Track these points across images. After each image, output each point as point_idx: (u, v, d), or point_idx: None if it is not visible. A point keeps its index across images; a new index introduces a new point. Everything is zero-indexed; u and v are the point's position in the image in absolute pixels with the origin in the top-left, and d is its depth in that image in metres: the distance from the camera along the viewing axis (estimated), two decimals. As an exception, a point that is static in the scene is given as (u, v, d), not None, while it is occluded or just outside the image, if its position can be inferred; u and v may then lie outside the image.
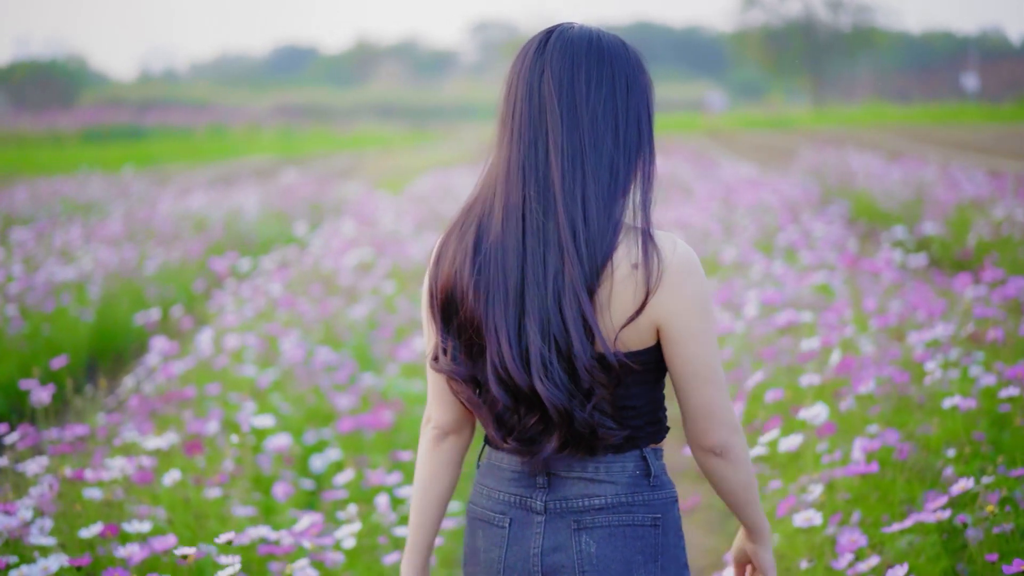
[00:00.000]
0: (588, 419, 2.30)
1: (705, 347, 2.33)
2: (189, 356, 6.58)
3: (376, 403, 6.21)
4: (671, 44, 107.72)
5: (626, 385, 2.34)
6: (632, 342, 2.31)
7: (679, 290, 2.29)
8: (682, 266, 2.31)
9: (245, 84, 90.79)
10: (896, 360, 5.43)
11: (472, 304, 2.32)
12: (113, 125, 49.43)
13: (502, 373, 2.30)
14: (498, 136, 2.38)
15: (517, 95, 2.35)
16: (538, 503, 2.39)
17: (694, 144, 33.83)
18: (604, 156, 2.32)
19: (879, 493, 4.30)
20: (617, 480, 2.37)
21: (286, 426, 6.03)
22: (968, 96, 64.36)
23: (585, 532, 2.37)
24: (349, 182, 22.75)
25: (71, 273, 9.78)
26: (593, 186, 2.30)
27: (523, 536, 2.40)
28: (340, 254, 10.01)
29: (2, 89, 72.91)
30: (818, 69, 75.95)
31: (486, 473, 2.47)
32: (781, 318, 5.85)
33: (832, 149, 24.03)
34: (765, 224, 11.65)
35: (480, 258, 2.32)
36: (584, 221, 2.28)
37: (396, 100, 74.80)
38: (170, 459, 4.85)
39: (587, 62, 2.34)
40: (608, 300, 2.29)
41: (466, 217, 2.38)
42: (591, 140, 2.31)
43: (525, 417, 2.33)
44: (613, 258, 2.28)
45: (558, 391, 2.28)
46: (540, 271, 2.28)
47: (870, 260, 8.46)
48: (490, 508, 2.44)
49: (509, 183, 2.33)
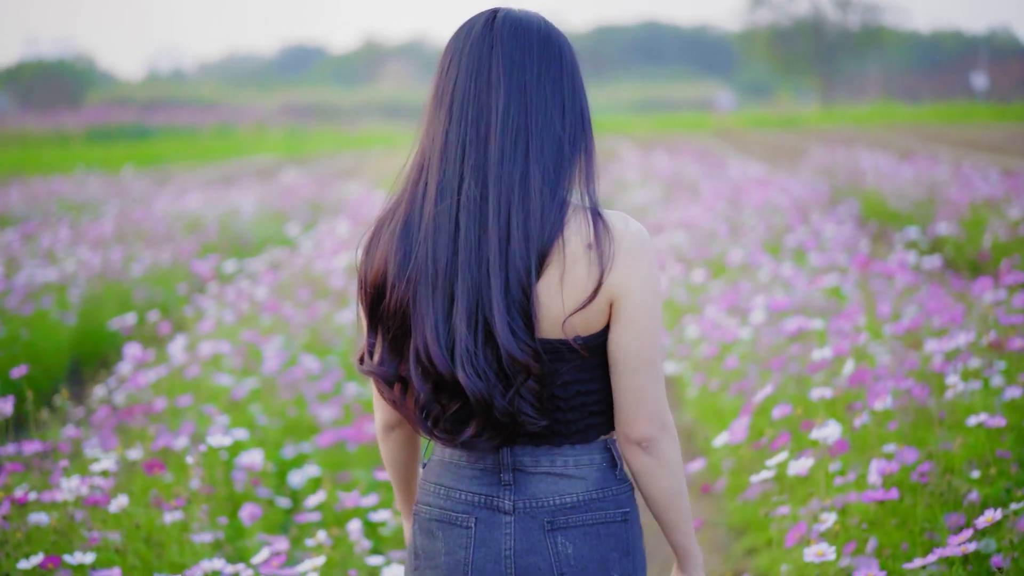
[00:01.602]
0: (507, 407, 2.22)
1: (652, 329, 2.27)
2: (162, 365, 6.21)
3: (359, 415, 5.85)
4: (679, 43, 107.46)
5: (576, 371, 2.28)
6: (583, 326, 2.25)
7: (634, 268, 2.24)
8: (636, 243, 2.25)
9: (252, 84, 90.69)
10: (913, 371, 5.06)
11: (399, 292, 2.25)
12: (119, 125, 49.26)
13: (424, 361, 2.23)
14: (431, 112, 2.31)
15: (460, 71, 2.29)
16: (506, 503, 2.31)
17: (702, 143, 33.45)
18: (550, 137, 2.26)
19: (897, 519, 3.94)
20: (586, 475, 2.32)
21: (263, 440, 5.68)
22: (977, 95, 63.92)
23: (560, 532, 2.30)
24: (350, 182, 22.39)
25: (53, 275, 9.42)
26: (536, 167, 2.24)
27: (491, 537, 2.31)
28: (332, 255, 9.63)
29: (9, 88, 72.97)
30: (826, 68, 75.61)
31: (441, 472, 2.37)
32: (791, 325, 5.48)
33: (842, 148, 23.63)
34: (773, 224, 11.27)
35: (408, 241, 2.25)
36: (522, 202, 2.22)
37: (403, 99, 74.55)
38: (131, 478, 4.51)
39: (538, 44, 2.30)
40: (560, 282, 2.22)
41: (395, 203, 2.31)
42: (539, 121, 2.26)
43: (447, 405, 2.26)
44: (563, 238, 2.22)
45: (479, 380, 2.21)
46: (473, 253, 2.22)
47: (883, 262, 8.09)
48: (450, 508, 2.35)
49: (445, 160, 2.26)
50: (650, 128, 46.28)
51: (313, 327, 7.53)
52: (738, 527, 5.35)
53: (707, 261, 9.70)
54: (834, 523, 3.58)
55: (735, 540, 5.31)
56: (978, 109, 52.21)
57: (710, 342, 6.53)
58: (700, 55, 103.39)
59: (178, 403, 5.55)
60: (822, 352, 4.75)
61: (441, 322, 2.22)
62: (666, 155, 24.68)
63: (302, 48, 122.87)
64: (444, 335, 2.22)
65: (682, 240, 10.64)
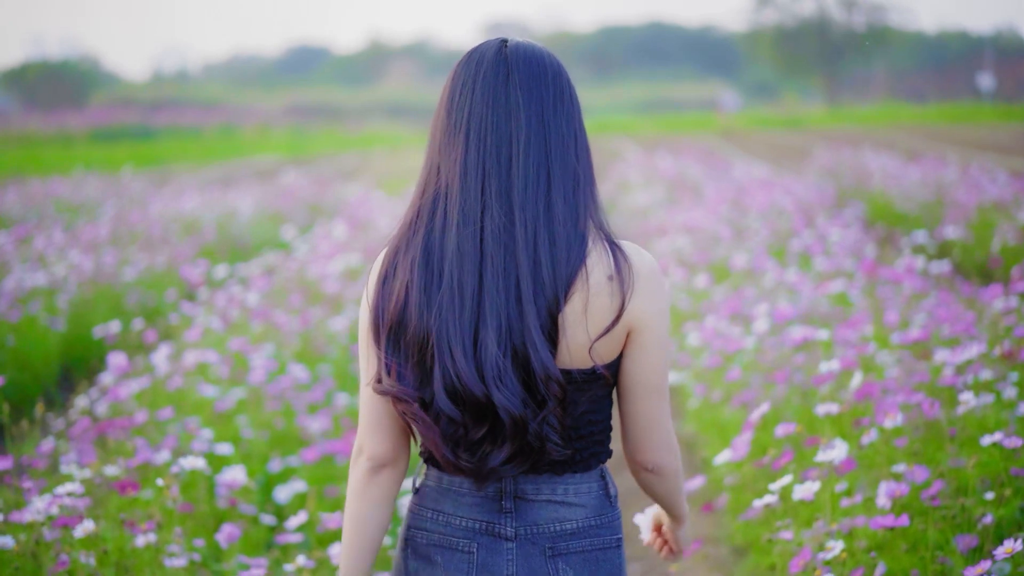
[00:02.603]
0: (539, 430, 2.26)
1: (664, 356, 2.33)
2: (147, 375, 6.01)
3: (349, 428, 5.65)
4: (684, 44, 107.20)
5: (589, 401, 2.32)
6: (603, 354, 2.28)
7: (652, 296, 2.30)
8: (651, 272, 2.31)
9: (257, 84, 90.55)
10: (923, 384, 4.86)
11: (421, 319, 2.25)
12: (123, 125, 49.10)
13: (455, 383, 2.23)
14: (443, 140, 2.31)
15: (474, 98, 2.30)
16: (508, 529, 2.35)
17: (706, 144, 33.23)
18: (568, 168, 2.30)
19: (907, 543, 3.74)
20: (585, 503, 2.37)
21: (249, 453, 5.48)
22: (983, 96, 63.61)
23: (561, 558, 2.35)
24: (351, 183, 22.19)
25: (42, 279, 9.23)
26: (558, 197, 2.27)
27: (493, 562, 2.34)
28: (327, 259, 9.42)
29: (14, 89, 72.91)
30: (832, 69, 75.33)
31: (439, 499, 2.38)
32: (796, 334, 5.27)
33: (847, 149, 23.40)
34: (778, 227, 11.05)
35: (431, 267, 2.26)
36: (548, 231, 2.25)
37: (408, 100, 74.37)
38: (109, 495, 4.32)
39: (551, 75, 2.33)
40: (584, 311, 2.25)
41: (409, 230, 2.31)
42: (558, 153, 2.30)
43: (472, 430, 2.26)
44: (586, 268, 2.26)
45: (515, 399, 2.22)
46: (501, 279, 2.23)
47: (890, 268, 7.88)
48: (449, 534, 2.37)
49: (466, 187, 2.27)
50: (654, 128, 46.07)
51: (305, 334, 7.33)
52: (740, 546, 5.15)
53: (710, 265, 9.50)
54: (840, 551, 3.38)
55: (737, 560, 5.10)
56: (984, 109, 51.91)
57: (712, 351, 6.33)
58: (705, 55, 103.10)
59: (161, 416, 5.35)
60: (829, 364, 4.55)
61: (469, 346, 2.23)
62: (669, 156, 24.46)
63: (307, 48, 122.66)
64: (472, 358, 2.23)
65: (685, 244, 10.44)
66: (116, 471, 4.42)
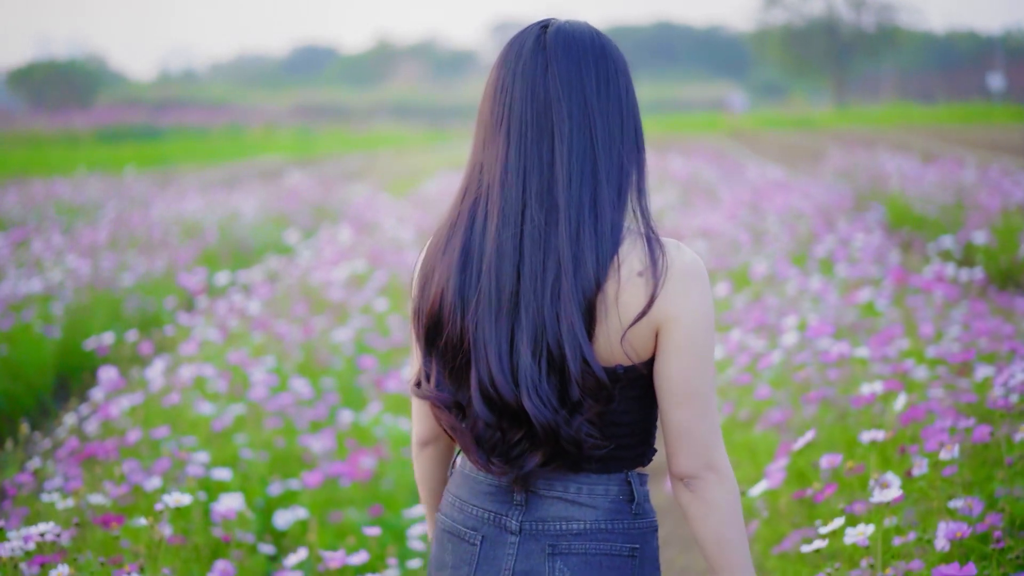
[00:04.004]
0: (574, 435, 2.20)
1: (700, 362, 2.20)
2: (140, 390, 5.66)
3: (354, 449, 5.31)
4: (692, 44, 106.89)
5: (622, 400, 2.24)
6: (635, 351, 2.21)
7: (684, 294, 2.19)
8: (688, 270, 2.21)
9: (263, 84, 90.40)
10: (970, 405, 4.53)
11: (459, 321, 2.22)
12: (128, 125, 48.86)
13: (489, 389, 2.20)
14: (486, 136, 2.25)
15: (514, 93, 2.22)
16: (513, 522, 2.30)
17: (716, 144, 32.86)
18: (615, 158, 2.22)
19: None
20: (598, 504, 2.27)
21: (247, 474, 5.15)
22: (993, 96, 63.20)
23: (560, 558, 2.27)
24: (357, 184, 21.83)
25: (38, 285, 8.90)
26: (605, 189, 2.20)
27: (495, 556, 2.30)
28: (332, 265, 9.07)
29: (21, 88, 72.74)
30: (841, 69, 74.97)
31: (460, 484, 2.38)
32: (831, 350, 4.92)
33: (861, 150, 23.02)
34: (798, 232, 10.69)
35: (470, 270, 2.22)
36: (593, 226, 2.18)
37: (414, 100, 74.17)
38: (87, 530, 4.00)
39: (594, 59, 2.23)
40: (615, 300, 2.18)
41: (449, 228, 2.27)
42: (604, 142, 2.21)
43: (508, 433, 2.23)
44: (618, 258, 2.18)
45: (545, 408, 2.18)
46: (538, 279, 2.18)
47: (919, 276, 7.54)
48: (462, 523, 2.36)
49: (507, 186, 2.21)
50: (663, 129, 45.66)
51: (308, 345, 7.00)
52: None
53: (730, 272, 9.16)
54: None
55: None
56: (995, 110, 51.49)
57: (737, 367, 5.99)
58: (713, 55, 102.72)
59: (155, 435, 5.02)
60: (871, 386, 4.20)
61: (505, 350, 2.20)
62: (681, 157, 24.10)
63: (314, 48, 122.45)
64: (507, 363, 2.19)
65: (702, 250, 10.09)
66: (102, 499, 4.11)
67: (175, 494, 3.32)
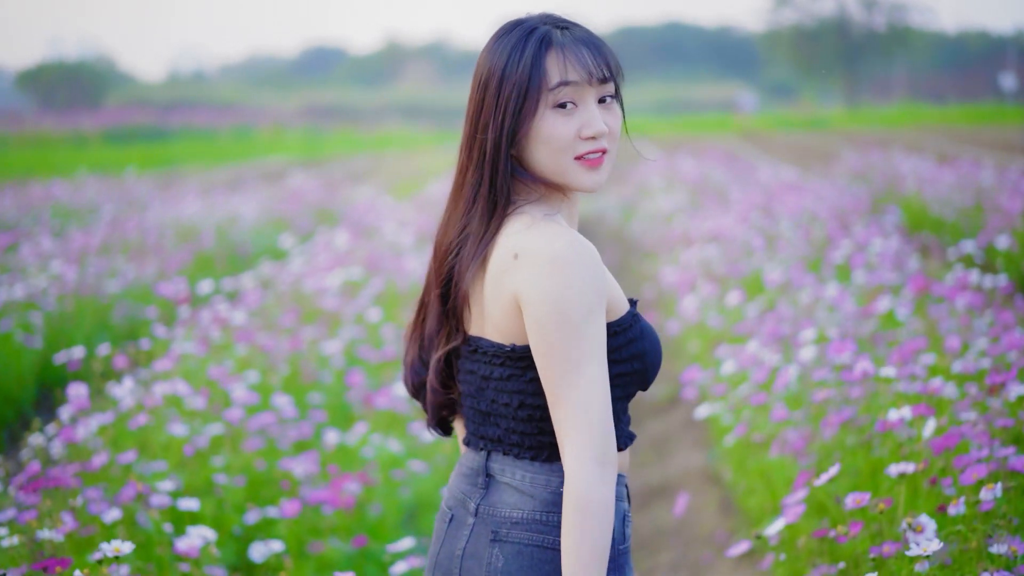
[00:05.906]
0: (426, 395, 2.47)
1: (550, 349, 2.16)
2: (111, 410, 5.28)
3: (338, 473, 4.93)
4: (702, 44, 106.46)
5: (528, 382, 2.26)
6: (509, 331, 2.26)
7: (538, 279, 2.19)
8: (551, 256, 2.19)
9: (273, 85, 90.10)
10: (1005, 430, 4.14)
11: None
12: (137, 126, 48.62)
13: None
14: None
15: None
16: (472, 504, 2.35)
17: (727, 145, 32.43)
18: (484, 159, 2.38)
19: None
20: (537, 495, 2.28)
21: (222, 500, 4.77)
22: (1005, 96, 62.71)
23: (498, 545, 2.29)
24: (361, 186, 21.44)
25: (20, 292, 8.53)
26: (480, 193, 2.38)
27: (456, 536, 2.35)
28: (326, 272, 8.67)
29: (31, 89, 72.58)
30: (852, 69, 74.49)
31: (455, 464, 2.55)
32: (855, 370, 4.53)
33: (875, 151, 22.59)
34: (812, 236, 10.28)
35: None
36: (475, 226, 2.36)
37: (424, 100, 73.83)
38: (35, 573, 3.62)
39: (473, 86, 2.56)
40: (493, 281, 2.27)
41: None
42: (477, 151, 2.42)
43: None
44: (495, 241, 2.29)
45: (412, 373, 2.49)
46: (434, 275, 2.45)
47: (941, 283, 7.14)
48: (445, 500, 2.44)
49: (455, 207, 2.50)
50: (673, 129, 45.23)
51: (296, 357, 6.61)
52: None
53: (742, 279, 8.76)
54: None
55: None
56: (1007, 110, 50.99)
57: (752, 383, 5.59)
58: (723, 56, 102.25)
59: (122, 459, 4.63)
60: (899, 412, 3.82)
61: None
62: (691, 158, 23.68)
63: (323, 49, 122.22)
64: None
65: (713, 255, 9.69)
66: (55, 535, 3.73)
67: (115, 542, 2.94)
